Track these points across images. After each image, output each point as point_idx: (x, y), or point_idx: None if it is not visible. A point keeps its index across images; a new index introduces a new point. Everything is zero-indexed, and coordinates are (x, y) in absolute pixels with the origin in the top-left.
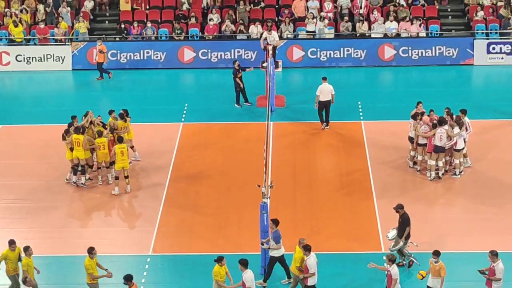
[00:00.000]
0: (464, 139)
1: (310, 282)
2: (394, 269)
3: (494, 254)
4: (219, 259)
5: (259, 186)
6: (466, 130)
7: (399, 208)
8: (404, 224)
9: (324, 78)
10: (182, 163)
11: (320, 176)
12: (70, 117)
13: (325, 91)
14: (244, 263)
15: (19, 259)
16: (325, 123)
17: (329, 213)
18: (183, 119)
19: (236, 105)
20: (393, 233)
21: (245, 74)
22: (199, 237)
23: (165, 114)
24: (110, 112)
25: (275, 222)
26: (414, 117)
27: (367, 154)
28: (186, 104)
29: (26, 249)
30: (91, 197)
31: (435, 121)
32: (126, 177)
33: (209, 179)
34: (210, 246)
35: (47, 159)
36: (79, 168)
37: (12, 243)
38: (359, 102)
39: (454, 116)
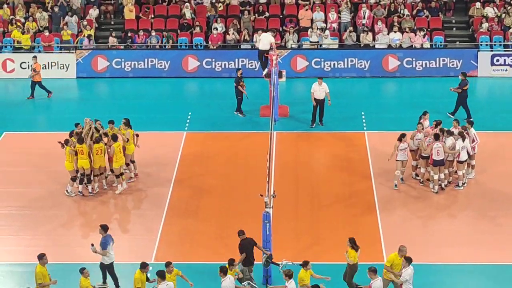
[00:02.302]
0: (468, 151)
1: None
2: (291, 284)
3: (372, 271)
4: (231, 262)
5: (261, 195)
6: (473, 141)
7: (240, 233)
8: (242, 249)
9: (320, 78)
10: (185, 172)
11: (322, 186)
12: (74, 124)
13: (318, 90)
14: (224, 271)
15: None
16: (314, 124)
17: (331, 223)
18: (186, 128)
19: (236, 113)
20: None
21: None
22: (201, 246)
23: (169, 122)
24: (111, 122)
25: (104, 228)
26: (437, 136)
27: (370, 164)
28: (189, 113)
29: (41, 257)
30: (94, 205)
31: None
32: (122, 174)
33: (212, 188)
34: (212, 255)
35: (50, 167)
36: (85, 178)
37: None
38: (363, 113)
39: (444, 129)
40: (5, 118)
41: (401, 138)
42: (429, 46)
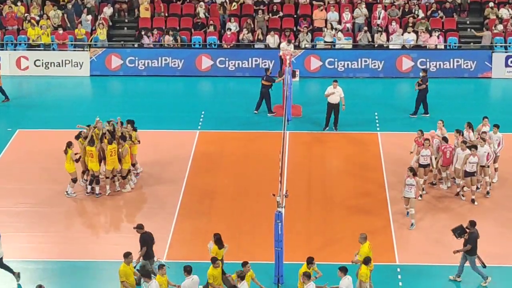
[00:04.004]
0: (496, 154)
1: None
2: (243, 286)
3: (306, 276)
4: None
5: (274, 195)
6: (499, 145)
7: (138, 228)
8: (142, 244)
9: (335, 81)
10: (198, 171)
11: (335, 187)
12: (80, 131)
13: (333, 95)
14: (188, 270)
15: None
16: (328, 127)
17: (343, 224)
18: (199, 127)
19: (270, 114)
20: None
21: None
22: None
23: (182, 121)
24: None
25: None
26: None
27: (383, 165)
28: (202, 112)
29: (127, 255)
30: (106, 204)
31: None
32: (114, 176)
33: (224, 187)
34: (224, 255)
35: (63, 164)
36: (94, 180)
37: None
38: (376, 113)
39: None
40: (19, 116)
41: (414, 173)
42: (443, 47)
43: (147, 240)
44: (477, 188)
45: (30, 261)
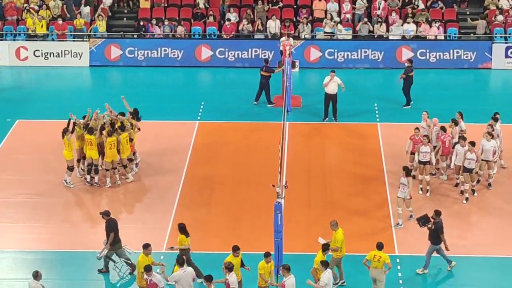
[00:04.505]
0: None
1: None
2: (232, 277)
3: (286, 269)
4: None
5: (273, 186)
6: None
7: (104, 215)
8: (109, 229)
9: (333, 72)
10: (197, 162)
11: (335, 178)
12: (82, 117)
13: (330, 85)
14: (181, 262)
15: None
16: (327, 118)
17: (343, 214)
18: (199, 118)
19: (269, 105)
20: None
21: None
22: (213, 235)
23: (181, 112)
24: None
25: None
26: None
27: (382, 156)
28: (202, 103)
29: (146, 246)
30: (106, 194)
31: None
32: (114, 168)
33: (224, 178)
34: (224, 245)
35: (62, 154)
36: (93, 169)
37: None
38: (376, 104)
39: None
40: (18, 106)
41: (409, 173)
42: (443, 38)
43: (114, 227)
44: (478, 181)
45: (29, 252)
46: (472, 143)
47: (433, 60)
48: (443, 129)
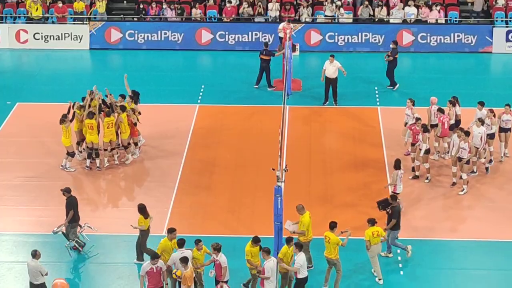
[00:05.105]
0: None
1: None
2: (221, 258)
3: (266, 252)
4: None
5: (273, 169)
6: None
7: (65, 191)
8: (69, 207)
9: (332, 56)
10: (197, 145)
11: (335, 161)
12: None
13: (330, 69)
14: (180, 243)
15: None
16: (327, 102)
17: (343, 198)
18: (199, 101)
19: (270, 89)
20: None
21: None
22: (213, 219)
23: (181, 95)
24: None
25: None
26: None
27: (382, 139)
28: (202, 86)
29: (171, 231)
30: (106, 177)
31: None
32: (113, 149)
33: (224, 161)
34: (224, 228)
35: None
36: (93, 153)
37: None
38: (376, 88)
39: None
40: (18, 89)
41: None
42: (444, 22)
43: (73, 204)
44: (473, 171)
45: (29, 234)
46: (467, 133)
47: (434, 44)
48: (440, 110)
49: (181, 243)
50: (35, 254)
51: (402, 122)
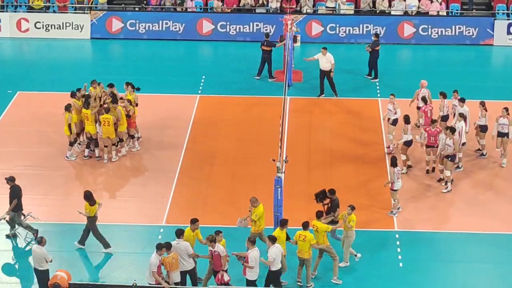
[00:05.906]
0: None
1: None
2: (219, 247)
3: (250, 241)
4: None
5: (273, 160)
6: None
7: (9, 180)
8: (13, 195)
9: (324, 48)
10: (198, 135)
11: (335, 153)
12: (76, 89)
13: (323, 61)
14: (177, 233)
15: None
16: (323, 94)
17: (343, 189)
18: (200, 91)
19: (271, 80)
20: None
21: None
22: (213, 209)
23: (182, 85)
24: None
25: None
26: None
27: (383, 131)
28: (203, 77)
29: (194, 221)
30: (106, 167)
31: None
32: (113, 144)
33: (224, 152)
34: (223, 219)
35: (63, 127)
36: (92, 143)
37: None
38: (377, 80)
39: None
40: (19, 78)
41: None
42: (445, 14)
43: (17, 193)
44: (458, 167)
45: (30, 224)
46: (452, 130)
47: (435, 36)
48: (423, 99)
49: (179, 233)
50: (41, 241)
51: (402, 113)
